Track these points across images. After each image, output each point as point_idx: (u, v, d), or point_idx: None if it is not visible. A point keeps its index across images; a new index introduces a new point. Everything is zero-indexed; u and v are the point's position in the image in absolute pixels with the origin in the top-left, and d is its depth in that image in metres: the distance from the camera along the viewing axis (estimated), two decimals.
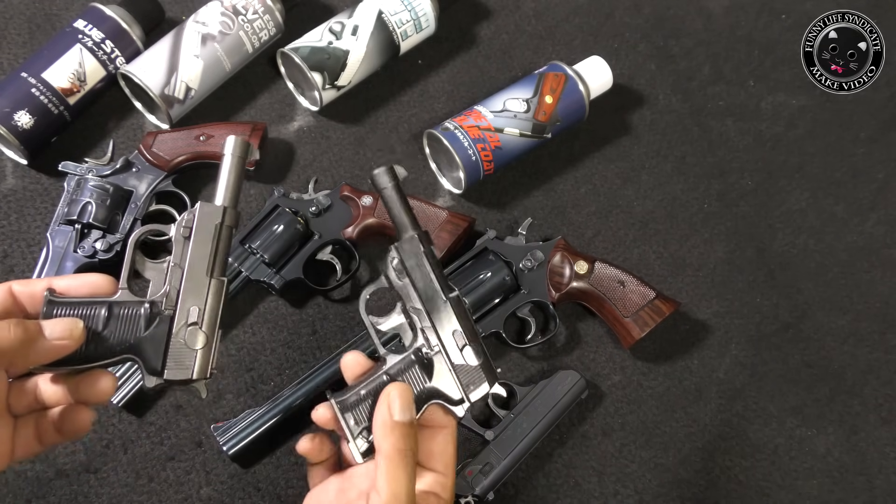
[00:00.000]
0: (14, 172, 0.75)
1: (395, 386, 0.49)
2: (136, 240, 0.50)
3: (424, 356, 0.51)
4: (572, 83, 0.80)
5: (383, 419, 0.47)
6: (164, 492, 0.67)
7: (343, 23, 0.79)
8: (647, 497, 0.73)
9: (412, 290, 0.52)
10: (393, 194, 0.53)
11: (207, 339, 0.49)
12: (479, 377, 0.52)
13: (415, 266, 0.52)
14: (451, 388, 0.51)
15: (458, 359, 0.51)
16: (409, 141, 0.83)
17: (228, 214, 0.51)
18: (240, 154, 0.52)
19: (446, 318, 0.52)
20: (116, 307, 0.47)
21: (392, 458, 0.46)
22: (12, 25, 0.80)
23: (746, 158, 0.88)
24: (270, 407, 0.67)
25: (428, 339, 0.51)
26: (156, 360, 0.48)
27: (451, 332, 0.52)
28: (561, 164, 0.84)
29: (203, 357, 0.49)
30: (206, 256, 0.50)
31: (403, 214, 0.53)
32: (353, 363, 0.53)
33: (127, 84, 0.77)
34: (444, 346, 0.51)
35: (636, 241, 0.82)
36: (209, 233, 0.50)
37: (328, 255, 0.75)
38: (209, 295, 0.50)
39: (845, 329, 0.82)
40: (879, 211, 0.88)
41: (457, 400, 0.51)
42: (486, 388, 0.51)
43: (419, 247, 0.52)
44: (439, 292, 0.52)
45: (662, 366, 0.78)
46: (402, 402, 0.48)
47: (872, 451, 0.78)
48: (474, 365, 0.51)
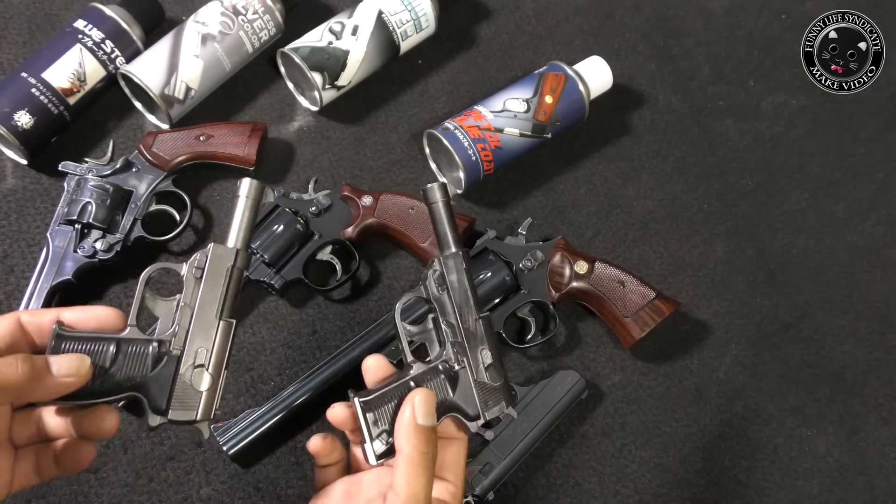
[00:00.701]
0: (14, 172, 0.75)
1: (421, 391, 0.50)
2: (147, 277, 0.50)
3: (451, 369, 0.52)
4: (572, 83, 0.80)
5: (408, 421, 0.48)
6: (164, 492, 0.67)
7: (343, 23, 0.79)
8: (647, 497, 0.73)
9: (449, 303, 0.53)
10: (442, 209, 0.54)
11: (213, 380, 0.49)
12: (497, 397, 0.53)
13: (455, 281, 0.53)
14: (470, 404, 0.52)
15: (482, 376, 0.53)
16: (409, 141, 0.83)
17: (240, 257, 0.51)
18: (255, 196, 0.52)
19: (477, 336, 0.53)
20: (125, 344, 0.48)
21: (413, 459, 0.47)
22: (12, 25, 0.80)
23: (746, 158, 0.88)
24: (270, 407, 0.67)
25: (457, 353, 0.53)
26: (161, 399, 0.48)
27: (479, 350, 0.53)
28: (561, 164, 0.84)
29: (207, 399, 0.49)
30: (216, 299, 0.50)
31: (449, 231, 0.54)
32: (377, 366, 0.53)
33: (127, 84, 0.77)
34: (470, 362, 0.53)
35: (636, 241, 0.82)
36: (221, 275, 0.50)
37: (328, 255, 0.75)
38: (217, 336, 0.50)
39: (845, 329, 0.82)
40: (879, 211, 0.88)
41: (473, 416, 0.52)
42: (503, 409, 0.53)
43: (462, 264, 0.54)
44: (474, 310, 0.53)
45: (662, 366, 0.78)
46: (426, 408, 0.49)
47: (872, 451, 0.78)
48: (496, 385, 0.53)
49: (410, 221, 0.74)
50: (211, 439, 0.68)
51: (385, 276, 0.77)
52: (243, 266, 0.52)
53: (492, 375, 0.53)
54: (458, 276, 0.53)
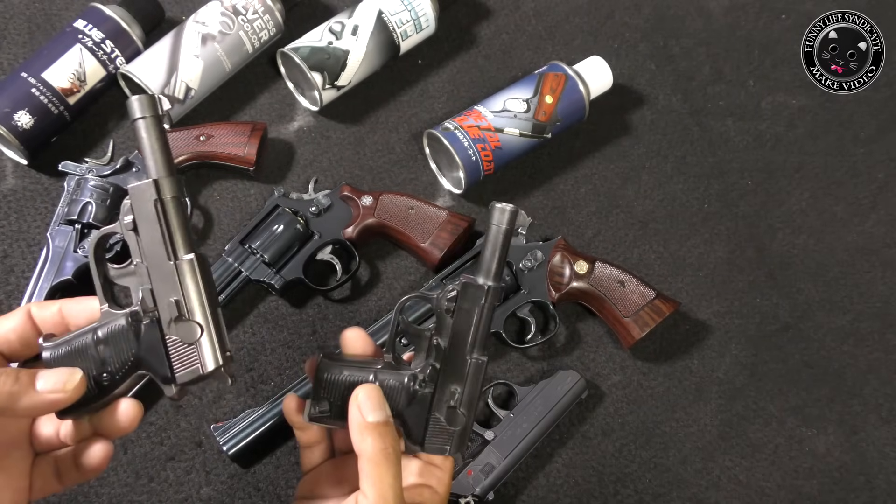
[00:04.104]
0: (14, 172, 0.75)
1: (363, 388, 0.47)
2: (94, 252, 0.45)
3: (413, 386, 0.49)
4: (572, 83, 0.80)
5: (357, 422, 0.46)
6: (164, 492, 0.67)
7: (343, 23, 0.79)
8: (646, 497, 0.73)
9: (448, 328, 0.49)
10: (499, 237, 0.49)
11: (203, 326, 0.44)
12: (444, 438, 0.49)
13: (465, 310, 0.49)
14: (418, 429, 0.49)
15: (440, 413, 0.49)
16: (409, 141, 0.83)
17: (164, 186, 0.45)
18: (151, 113, 0.45)
19: (457, 373, 0.49)
20: (102, 329, 0.44)
21: (373, 459, 0.45)
22: (12, 25, 0.80)
23: (746, 158, 0.88)
24: (270, 407, 0.67)
25: (428, 375, 0.49)
26: (162, 368, 0.44)
27: (451, 388, 0.49)
28: (561, 164, 0.84)
29: (207, 346, 0.44)
30: (159, 240, 0.44)
31: (495, 262, 0.49)
32: (355, 339, 0.52)
33: (127, 84, 0.77)
34: (435, 393, 0.49)
35: (636, 241, 0.82)
36: (151, 214, 0.44)
37: (328, 255, 0.75)
38: (183, 278, 0.44)
39: (845, 329, 0.82)
40: (879, 211, 0.88)
41: (415, 439, 0.50)
42: (440, 454, 0.50)
43: (481, 299, 0.49)
44: (468, 347, 0.49)
45: (662, 366, 0.78)
46: (372, 403, 0.47)
47: (872, 451, 0.78)
48: (448, 428, 0.49)
49: (410, 221, 0.74)
50: (211, 439, 0.68)
51: (385, 276, 0.77)
52: (175, 193, 0.45)
53: (449, 416, 0.49)
54: (472, 308, 0.49)
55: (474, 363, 0.49)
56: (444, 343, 0.49)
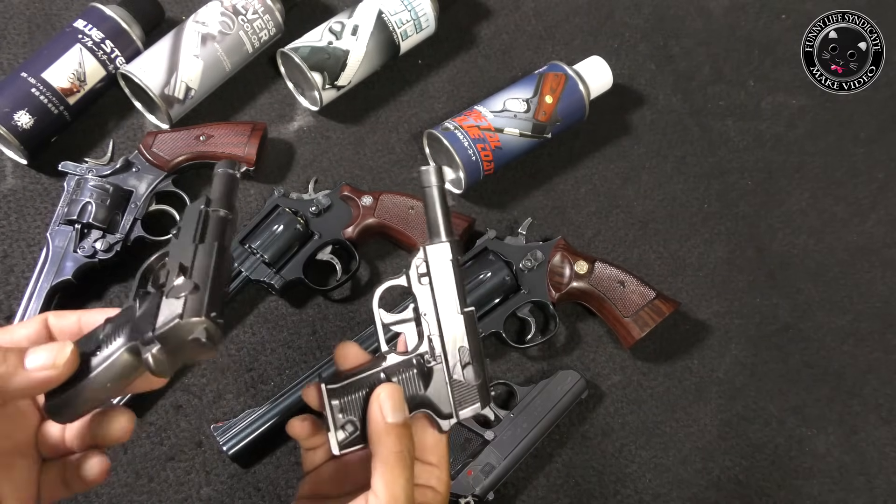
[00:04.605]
0: (14, 172, 0.75)
1: (385, 387, 0.48)
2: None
3: (426, 364, 0.50)
4: (572, 83, 0.80)
5: (376, 422, 0.46)
6: (164, 492, 0.67)
7: (343, 23, 0.79)
8: (647, 497, 0.73)
9: (429, 295, 0.50)
10: (434, 194, 0.51)
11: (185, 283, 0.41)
12: (472, 396, 0.50)
13: (438, 272, 0.50)
14: (443, 402, 0.50)
15: (457, 374, 0.50)
16: (409, 141, 0.83)
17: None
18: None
19: (456, 331, 0.50)
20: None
21: (388, 460, 0.45)
22: (12, 25, 0.80)
23: (746, 158, 0.88)
24: (270, 407, 0.67)
25: (433, 347, 0.50)
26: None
27: (457, 347, 0.50)
28: (561, 164, 0.84)
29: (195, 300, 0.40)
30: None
31: (441, 218, 0.51)
32: (349, 354, 0.51)
33: (127, 84, 0.77)
34: (447, 358, 0.50)
35: (636, 241, 0.82)
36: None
37: (328, 255, 0.75)
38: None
39: (845, 329, 0.82)
40: (879, 211, 0.88)
41: (446, 414, 0.50)
42: (478, 409, 0.51)
43: (449, 254, 0.50)
44: (456, 304, 0.50)
45: (662, 366, 0.78)
46: (393, 403, 0.47)
47: (872, 451, 0.78)
48: (472, 384, 0.50)
49: (410, 221, 0.74)
50: (211, 439, 0.68)
51: (385, 276, 0.77)
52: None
53: (468, 374, 0.50)
54: (443, 266, 0.50)
55: (466, 316, 0.50)
56: (433, 312, 0.50)
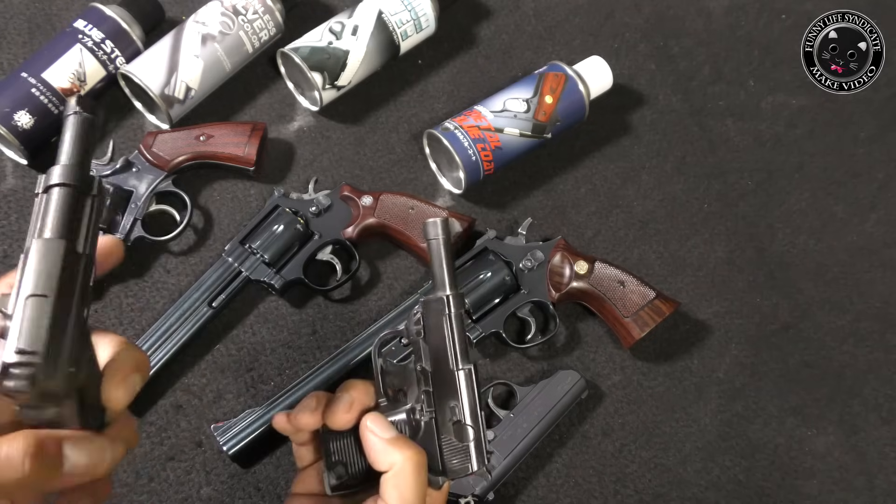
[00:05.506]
0: (14, 172, 0.75)
1: (367, 416, 0.48)
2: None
3: (415, 419, 0.49)
4: (572, 83, 0.80)
5: (375, 443, 0.47)
6: (164, 492, 0.67)
7: (343, 23, 0.79)
8: (647, 497, 0.73)
9: (424, 350, 0.49)
10: (440, 248, 0.50)
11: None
12: (462, 457, 0.49)
13: (433, 327, 0.49)
14: (433, 458, 0.49)
15: (447, 432, 0.49)
16: (409, 141, 0.83)
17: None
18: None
19: (450, 389, 0.49)
20: None
21: (403, 469, 0.46)
22: (12, 25, 0.80)
23: (746, 158, 0.88)
24: (270, 407, 0.67)
25: (424, 402, 0.49)
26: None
27: (449, 405, 0.49)
28: (561, 164, 0.84)
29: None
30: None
31: (444, 271, 0.49)
32: None
33: (127, 84, 0.77)
34: (436, 415, 0.49)
35: (636, 241, 0.82)
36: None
37: (328, 255, 0.75)
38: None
39: (845, 329, 0.82)
40: (879, 211, 0.88)
41: (436, 469, 0.49)
42: (469, 470, 0.50)
43: (444, 309, 0.49)
44: (453, 360, 0.49)
45: (662, 366, 0.78)
46: (381, 423, 0.48)
47: (872, 451, 0.78)
48: (460, 444, 0.49)
49: (410, 221, 0.74)
50: (211, 439, 0.68)
51: (385, 276, 0.77)
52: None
53: (457, 432, 0.49)
54: (439, 322, 0.49)
55: (463, 374, 0.49)
56: (428, 366, 0.49)
